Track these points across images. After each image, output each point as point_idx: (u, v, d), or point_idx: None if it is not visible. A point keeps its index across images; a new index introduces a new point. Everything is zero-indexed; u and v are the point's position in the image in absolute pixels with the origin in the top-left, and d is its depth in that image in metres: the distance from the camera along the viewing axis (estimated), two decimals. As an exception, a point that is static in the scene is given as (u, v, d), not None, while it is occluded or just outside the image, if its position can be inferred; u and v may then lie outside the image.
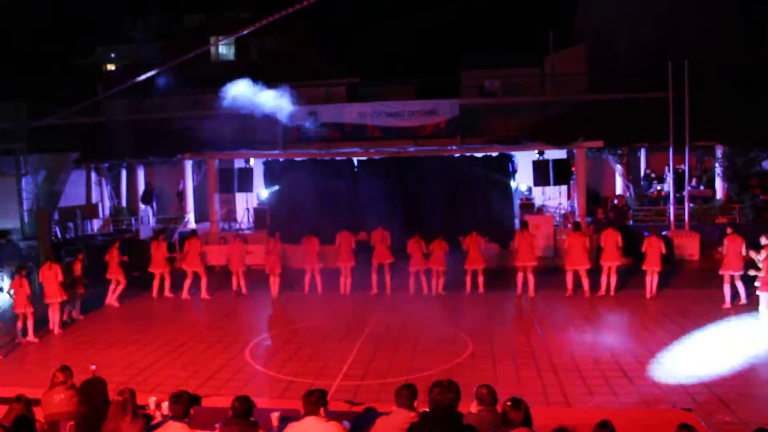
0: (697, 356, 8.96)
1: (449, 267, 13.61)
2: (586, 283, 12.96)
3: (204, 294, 13.96)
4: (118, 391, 4.88)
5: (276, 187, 17.74)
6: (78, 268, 12.49)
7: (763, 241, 10.67)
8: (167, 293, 14.05)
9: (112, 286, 13.50)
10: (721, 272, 11.82)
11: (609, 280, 12.99)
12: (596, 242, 14.02)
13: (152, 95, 20.27)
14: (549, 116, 20.39)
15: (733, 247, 11.65)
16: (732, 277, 11.68)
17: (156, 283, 14.06)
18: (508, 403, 4.39)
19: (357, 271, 14.16)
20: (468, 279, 13.60)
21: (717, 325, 10.53)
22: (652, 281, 12.67)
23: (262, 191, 19.07)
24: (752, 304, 11.05)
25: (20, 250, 16.17)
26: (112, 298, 13.49)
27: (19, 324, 10.85)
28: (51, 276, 11.34)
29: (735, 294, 11.68)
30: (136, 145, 20.07)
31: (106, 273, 13.51)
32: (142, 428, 4.71)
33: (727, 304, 11.62)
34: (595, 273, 13.08)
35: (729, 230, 12.07)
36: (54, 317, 11.41)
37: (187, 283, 14.01)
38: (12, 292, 10.93)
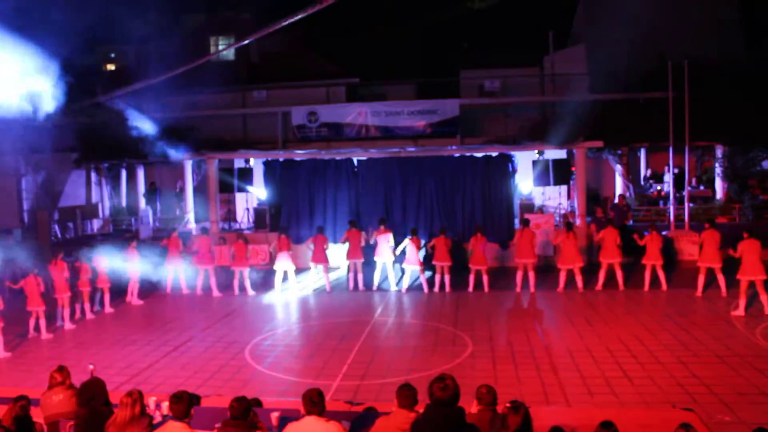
0: (696, 356, 8.97)
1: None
2: (579, 280, 13.28)
3: (216, 292, 14.26)
4: (123, 392, 4.87)
5: (275, 188, 17.74)
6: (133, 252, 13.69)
7: (744, 236, 11.30)
8: (184, 290, 14.47)
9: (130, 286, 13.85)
10: (698, 264, 12.58)
11: (607, 275, 13.34)
12: (597, 241, 14.12)
13: (152, 95, 20.26)
14: (549, 116, 20.38)
15: (710, 241, 12.21)
16: (711, 270, 12.24)
17: (169, 280, 14.52)
18: (508, 405, 4.37)
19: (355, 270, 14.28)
20: (471, 278, 13.72)
21: (716, 325, 10.53)
22: (660, 276, 13.06)
23: (260, 191, 19.08)
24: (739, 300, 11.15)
25: (24, 250, 16.21)
26: (132, 297, 13.82)
27: (32, 321, 11.20)
28: (58, 272, 11.79)
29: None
30: (136, 145, 20.04)
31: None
32: (146, 427, 4.71)
33: (699, 292, 12.40)
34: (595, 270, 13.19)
35: (707, 225, 12.61)
36: (64, 312, 11.82)
37: (200, 280, 14.37)
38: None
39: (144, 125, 18.99)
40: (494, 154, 17.07)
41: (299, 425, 4.51)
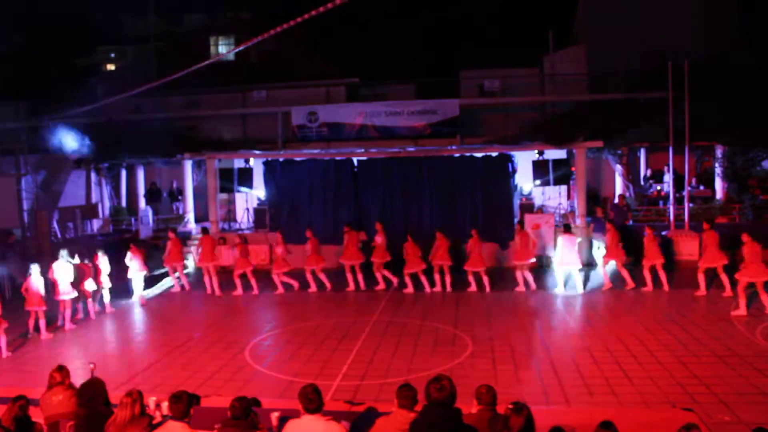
0: (696, 356, 8.97)
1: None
2: (579, 281, 13.35)
3: (218, 292, 14.30)
4: (123, 392, 4.87)
5: (275, 188, 17.73)
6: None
7: (744, 239, 11.37)
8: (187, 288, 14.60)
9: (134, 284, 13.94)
10: (700, 264, 12.64)
11: (610, 274, 13.48)
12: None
13: (152, 95, 20.28)
14: (549, 116, 20.37)
15: (709, 242, 12.34)
16: (712, 270, 12.35)
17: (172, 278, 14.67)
18: (510, 407, 4.35)
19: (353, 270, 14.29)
20: (470, 279, 13.73)
21: (716, 325, 10.54)
22: (660, 276, 13.08)
23: (260, 191, 19.07)
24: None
25: (27, 250, 16.23)
26: (137, 297, 13.88)
27: (31, 321, 11.18)
28: (62, 273, 11.78)
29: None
30: (136, 145, 20.06)
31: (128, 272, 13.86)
32: (146, 427, 4.71)
33: (702, 291, 12.46)
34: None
35: (706, 227, 12.64)
36: (65, 312, 11.77)
37: (206, 279, 14.45)
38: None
39: (143, 125, 19.01)
40: (494, 154, 17.07)
41: (299, 422, 4.52)
